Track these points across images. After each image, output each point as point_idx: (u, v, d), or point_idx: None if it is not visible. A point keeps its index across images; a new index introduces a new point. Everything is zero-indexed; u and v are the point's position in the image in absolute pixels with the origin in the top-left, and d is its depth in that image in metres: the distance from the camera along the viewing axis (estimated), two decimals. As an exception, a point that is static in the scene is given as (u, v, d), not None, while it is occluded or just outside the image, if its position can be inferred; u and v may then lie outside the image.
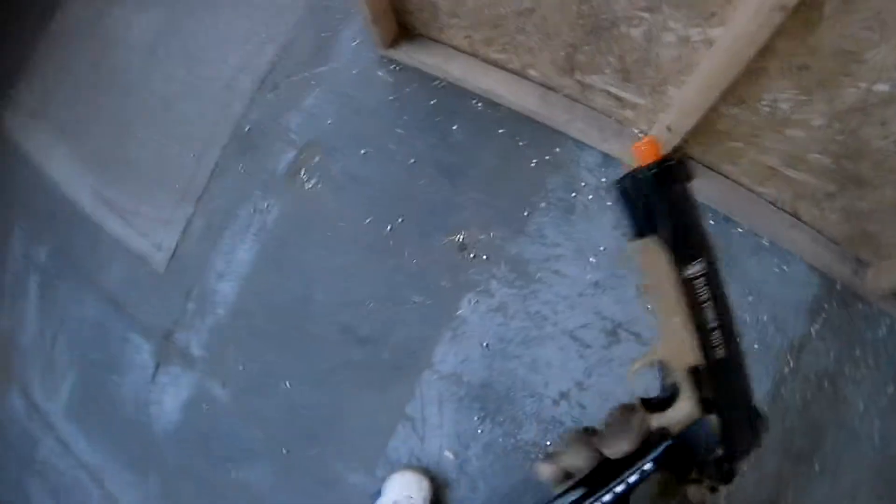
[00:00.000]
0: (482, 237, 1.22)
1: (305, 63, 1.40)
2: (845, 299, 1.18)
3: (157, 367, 1.44)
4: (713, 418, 0.44)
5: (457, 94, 1.27)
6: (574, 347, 1.20)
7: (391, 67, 1.32)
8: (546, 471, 0.46)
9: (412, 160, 1.27)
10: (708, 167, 1.18)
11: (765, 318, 1.20)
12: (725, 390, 0.44)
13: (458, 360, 1.22)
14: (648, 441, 0.44)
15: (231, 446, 1.37)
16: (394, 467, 1.24)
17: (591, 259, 1.21)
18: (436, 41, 1.30)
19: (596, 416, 1.17)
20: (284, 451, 1.32)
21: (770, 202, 1.17)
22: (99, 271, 1.54)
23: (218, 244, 1.41)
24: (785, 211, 1.17)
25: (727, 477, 0.46)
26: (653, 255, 0.40)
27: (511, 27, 1.13)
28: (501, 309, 1.20)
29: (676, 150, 1.17)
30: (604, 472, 0.44)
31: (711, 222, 1.19)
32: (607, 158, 1.21)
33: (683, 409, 0.44)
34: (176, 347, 1.42)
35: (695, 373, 0.43)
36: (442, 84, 1.29)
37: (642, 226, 0.40)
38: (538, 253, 1.20)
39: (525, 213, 1.21)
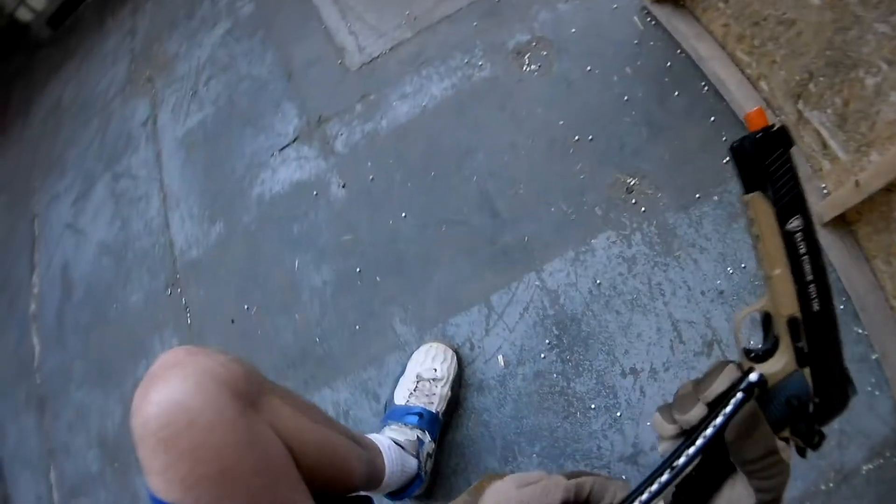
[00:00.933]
0: (650, 192, 1.24)
1: None
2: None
3: (294, 140, 1.49)
4: (807, 372, 0.48)
5: (691, 70, 1.31)
6: (670, 335, 1.18)
7: (647, 19, 1.37)
8: (666, 429, 0.48)
9: (626, 98, 1.31)
10: (865, 257, 1.16)
11: (835, 425, 1.17)
12: (820, 344, 0.47)
13: (566, 282, 1.22)
14: (745, 377, 0.47)
15: (311, 238, 1.41)
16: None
17: (728, 269, 1.21)
18: (696, 18, 1.35)
19: (648, 409, 1.15)
20: (357, 269, 1.34)
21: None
22: (292, 43, 1.62)
23: (418, 71, 1.47)
24: None
25: (817, 439, 0.49)
26: (760, 207, 0.44)
27: (767, 32, 1.15)
28: (630, 261, 1.21)
29: (780, 125, 1.14)
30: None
31: (840, 307, 1.18)
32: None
33: (782, 361, 0.47)
34: (323, 133, 1.47)
35: (793, 325, 0.46)
36: (682, 55, 1.33)
37: (752, 183, 0.45)
38: (689, 235, 1.21)
39: (697, 196, 1.22)
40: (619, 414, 1.14)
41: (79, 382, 1.62)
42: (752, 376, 0.46)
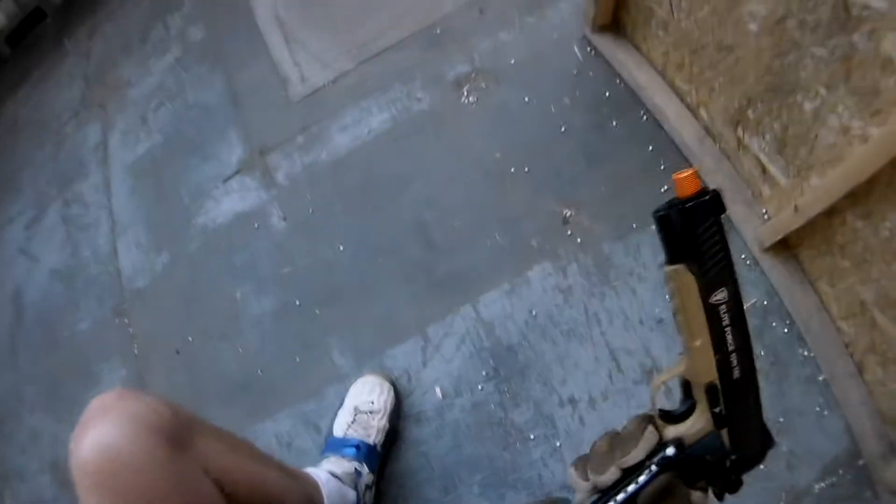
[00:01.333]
0: (586, 223, 1.24)
1: (520, 5, 1.48)
2: (859, 478, 1.15)
3: (237, 172, 1.50)
4: (724, 433, 0.48)
5: (630, 99, 1.33)
6: (608, 365, 1.19)
7: (587, 49, 1.39)
8: (580, 486, 0.50)
9: (563, 128, 1.31)
10: (808, 280, 1.18)
11: (784, 447, 1.19)
12: (738, 408, 0.48)
13: (502, 314, 1.22)
14: (661, 448, 0.48)
15: (253, 270, 1.41)
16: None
17: (667, 296, 1.22)
18: (635, 46, 1.37)
19: (588, 437, 1.15)
20: (297, 302, 1.34)
21: (844, 343, 1.17)
22: (237, 69, 1.63)
23: (358, 102, 1.48)
24: (853, 358, 1.16)
25: (734, 486, 0.51)
26: (684, 280, 0.44)
27: (706, 59, 1.17)
28: (566, 292, 1.21)
29: (712, 192, 1.15)
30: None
31: (785, 331, 1.19)
32: (728, 222, 1.23)
33: (698, 423, 0.48)
34: (264, 164, 1.48)
35: (711, 391, 0.47)
36: (621, 84, 1.34)
37: (677, 253, 0.44)
38: (627, 264, 1.22)
39: (633, 226, 1.23)
40: (558, 443, 1.14)
41: (31, 407, 1.61)
42: (669, 451, 0.47)
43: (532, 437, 1.15)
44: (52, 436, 1.55)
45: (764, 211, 1.21)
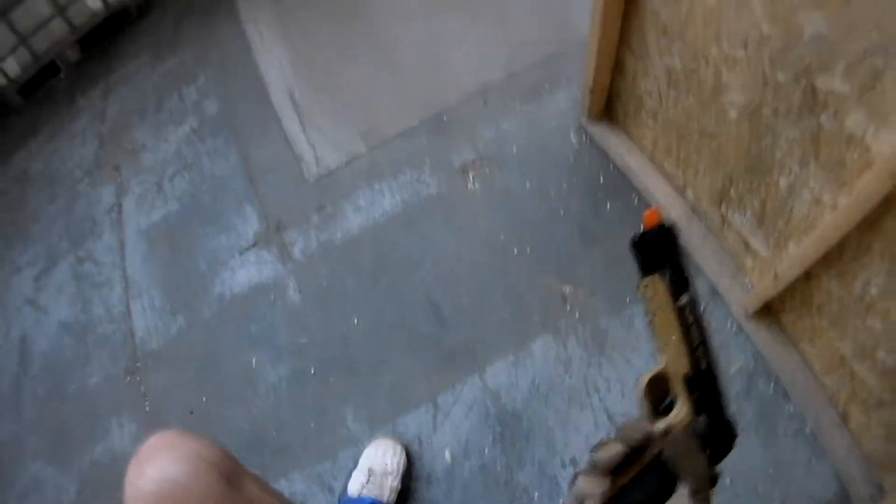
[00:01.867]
0: (584, 299, 1.35)
1: (520, 96, 1.63)
2: (851, 522, 1.23)
3: (254, 245, 1.58)
4: (703, 419, 0.58)
5: (623, 182, 1.45)
6: (607, 427, 1.27)
7: (582, 136, 1.53)
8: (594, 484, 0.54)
9: (562, 211, 1.44)
10: (791, 340, 1.25)
11: (776, 499, 1.24)
12: (711, 394, 0.58)
13: (507, 383, 1.32)
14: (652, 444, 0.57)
15: (269, 338, 1.48)
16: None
17: (644, 311, 1.29)
18: (627, 133, 1.49)
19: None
20: (312, 370, 1.41)
21: (828, 396, 1.21)
22: (253, 146, 1.73)
23: (370, 185, 1.59)
24: (836, 409, 1.21)
25: (712, 481, 0.59)
26: (658, 286, 0.56)
27: (692, 145, 1.27)
28: (567, 363, 1.31)
29: (670, 224, 1.19)
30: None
31: (770, 391, 1.27)
32: (714, 293, 1.33)
33: (682, 412, 0.57)
34: (280, 239, 1.57)
35: (688, 381, 0.57)
36: (614, 169, 1.47)
37: (649, 267, 0.56)
38: (621, 336, 1.32)
39: (628, 300, 1.34)
40: (560, 501, 1.22)
41: (34, 455, 1.62)
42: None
43: (536, 495, 1.23)
44: (55, 485, 1.56)
45: (747, 281, 1.31)
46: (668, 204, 1.41)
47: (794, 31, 0.91)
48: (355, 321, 1.44)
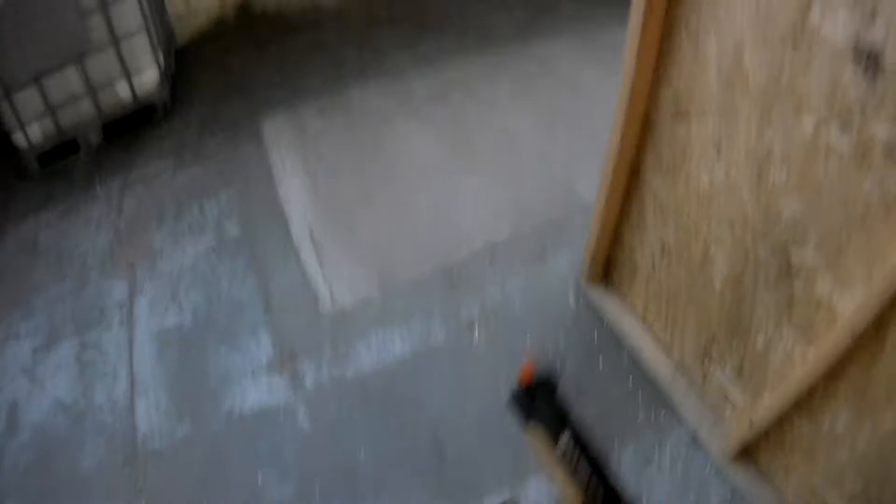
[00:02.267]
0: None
1: (525, 256, 1.86)
2: None
3: (266, 368, 1.69)
4: None
5: (613, 340, 1.66)
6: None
7: (580, 298, 1.76)
8: None
9: (558, 367, 1.58)
10: (767, 477, 1.37)
11: None
12: None
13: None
14: None
15: (275, 457, 1.56)
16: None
17: (645, 501, 1.37)
18: (621, 296, 1.70)
19: None
20: (317, 494, 1.50)
21: None
22: (271, 275, 1.86)
23: (383, 327, 1.74)
24: None
25: None
26: (536, 433, 0.72)
27: (679, 308, 1.45)
28: (559, 499, 1.42)
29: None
30: None
31: None
32: (696, 441, 1.48)
33: None
34: (293, 368, 1.69)
35: None
36: (607, 329, 1.69)
37: (527, 417, 0.73)
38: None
39: (616, 444, 1.42)
40: None
41: None
42: None
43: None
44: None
45: (726, 429, 1.42)
46: (656, 360, 1.60)
47: (773, 213, 1.12)
48: (361, 453, 1.55)
